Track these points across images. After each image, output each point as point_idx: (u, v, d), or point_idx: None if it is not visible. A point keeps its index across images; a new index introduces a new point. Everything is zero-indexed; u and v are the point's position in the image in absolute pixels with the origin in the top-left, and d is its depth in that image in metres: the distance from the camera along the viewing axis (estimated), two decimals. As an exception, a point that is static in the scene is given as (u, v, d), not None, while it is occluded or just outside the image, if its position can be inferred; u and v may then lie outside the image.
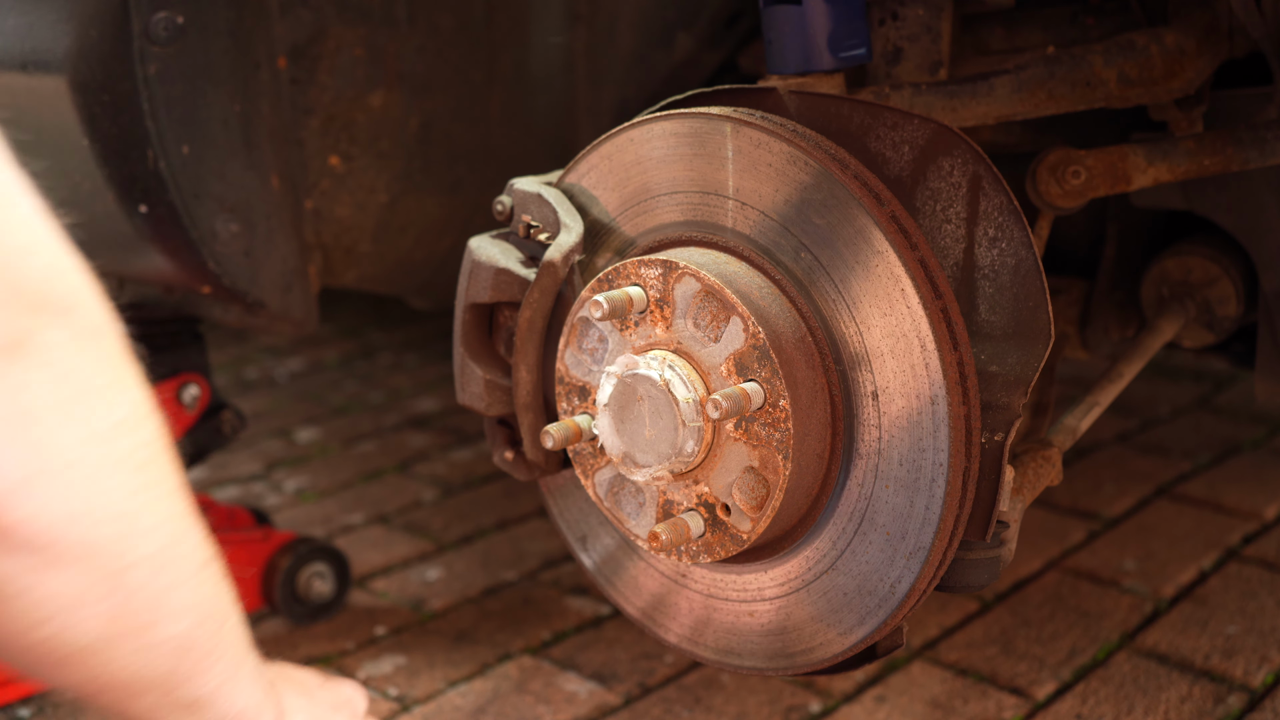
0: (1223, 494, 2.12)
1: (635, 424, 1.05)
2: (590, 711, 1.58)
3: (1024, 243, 0.99)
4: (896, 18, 1.24)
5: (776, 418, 1.00)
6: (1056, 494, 2.11)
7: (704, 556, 1.07)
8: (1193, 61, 1.19)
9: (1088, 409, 1.28)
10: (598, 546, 1.23)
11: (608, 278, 1.07)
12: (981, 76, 1.18)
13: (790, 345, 1.01)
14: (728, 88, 1.10)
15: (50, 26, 1.39)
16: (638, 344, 1.07)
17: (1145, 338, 1.44)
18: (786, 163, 1.02)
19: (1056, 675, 1.61)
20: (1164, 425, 2.45)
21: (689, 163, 1.08)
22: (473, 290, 1.18)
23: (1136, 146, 1.22)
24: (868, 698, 1.58)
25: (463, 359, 1.21)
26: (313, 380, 2.97)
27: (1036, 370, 0.99)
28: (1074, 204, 1.23)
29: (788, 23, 1.09)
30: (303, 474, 2.41)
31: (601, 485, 1.13)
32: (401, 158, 1.67)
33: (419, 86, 1.65)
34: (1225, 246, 1.48)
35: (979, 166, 0.99)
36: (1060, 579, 1.86)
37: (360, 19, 1.56)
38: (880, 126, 1.03)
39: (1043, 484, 1.16)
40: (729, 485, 1.04)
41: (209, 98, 1.48)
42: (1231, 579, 1.84)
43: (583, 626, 1.79)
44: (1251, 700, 1.55)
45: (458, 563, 2.01)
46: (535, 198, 1.16)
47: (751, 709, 1.56)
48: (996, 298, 1.00)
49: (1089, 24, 1.33)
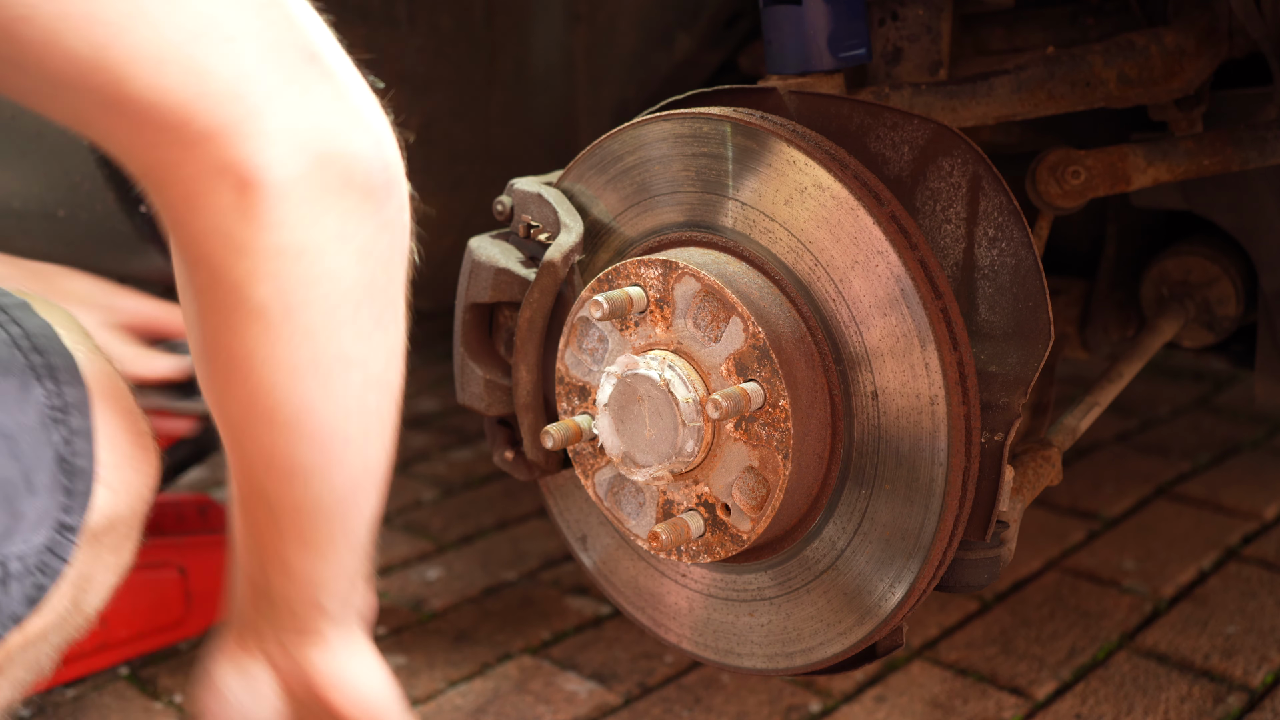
0: (1222, 494, 2.12)
1: (635, 424, 1.05)
2: (590, 711, 1.58)
3: (1024, 243, 0.99)
4: (896, 18, 1.24)
5: (776, 418, 1.00)
6: (1056, 494, 2.11)
7: (704, 556, 1.07)
8: (1192, 61, 1.19)
9: (1087, 409, 1.28)
10: (598, 546, 1.24)
11: (608, 278, 1.08)
12: (981, 76, 1.18)
13: (790, 345, 1.01)
14: (728, 88, 1.10)
15: (50, 26, 1.39)
16: (638, 344, 1.07)
17: (1145, 338, 1.44)
18: (786, 163, 1.02)
19: (1056, 675, 1.61)
20: (1164, 425, 2.45)
21: (689, 163, 1.08)
22: (473, 290, 1.18)
23: (1136, 146, 1.22)
24: (868, 698, 1.58)
25: (463, 359, 1.21)
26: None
27: (1036, 370, 0.99)
28: (1074, 204, 1.23)
29: (787, 23, 1.09)
30: (303, 474, 2.40)
31: (601, 485, 1.13)
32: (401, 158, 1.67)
33: (419, 86, 1.65)
34: (1225, 246, 1.48)
35: (979, 166, 0.99)
36: (1060, 579, 1.86)
37: (360, 19, 1.56)
38: (880, 126, 1.03)
39: (1043, 484, 1.16)
40: (729, 485, 1.04)
41: (209, 98, 1.48)
42: (1231, 579, 1.84)
43: (583, 626, 1.79)
44: (1251, 700, 1.55)
45: (458, 563, 2.01)
46: (535, 198, 1.16)
47: (751, 709, 1.56)
48: (996, 298, 1.00)
49: (1089, 24, 1.33)
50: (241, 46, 0.75)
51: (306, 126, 0.78)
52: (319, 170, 0.79)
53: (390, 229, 0.85)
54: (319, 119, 0.79)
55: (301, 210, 0.78)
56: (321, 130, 0.79)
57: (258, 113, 0.76)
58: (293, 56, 0.78)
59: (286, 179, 0.77)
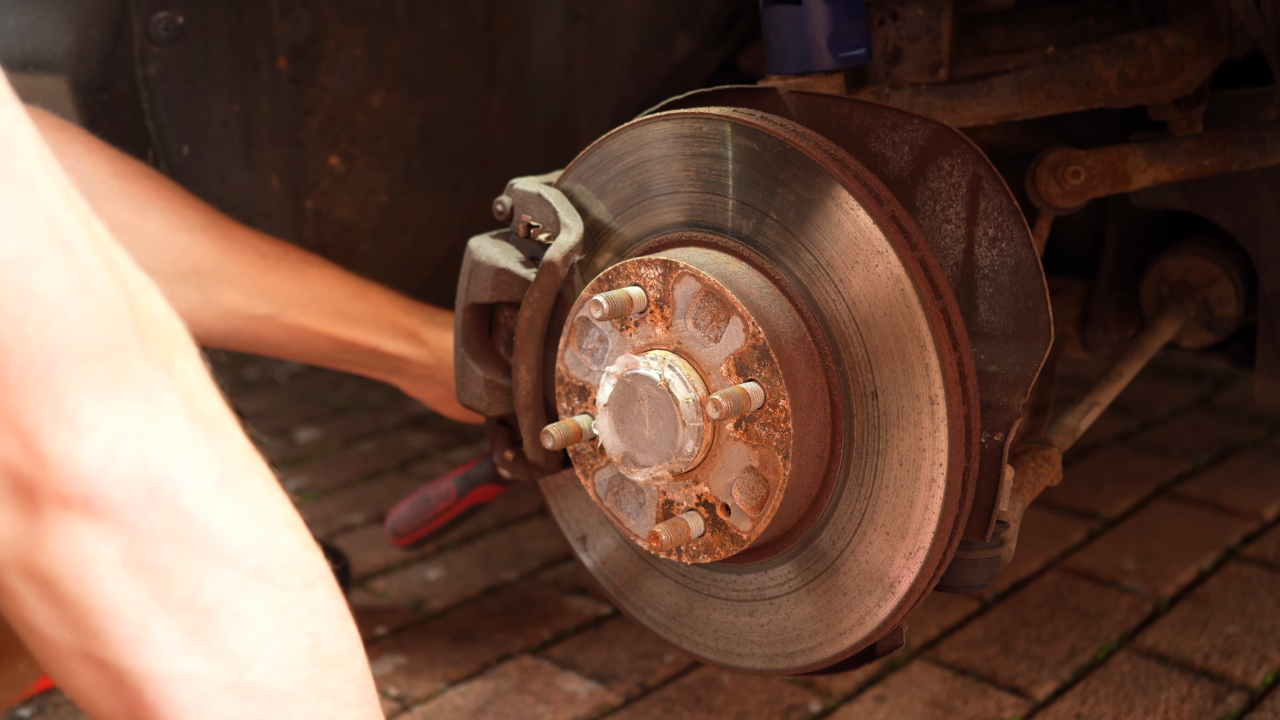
0: (1222, 494, 2.12)
1: (635, 424, 1.05)
2: (590, 711, 1.58)
3: (1024, 243, 0.99)
4: (896, 18, 1.24)
5: (776, 418, 1.00)
6: (1056, 494, 2.11)
7: (704, 556, 1.07)
8: (1192, 62, 1.19)
9: (1087, 409, 1.28)
10: (598, 546, 1.24)
11: (608, 278, 1.08)
12: (981, 77, 1.18)
13: (790, 345, 1.01)
14: (728, 88, 1.10)
15: (51, 26, 1.39)
16: (638, 344, 1.07)
17: (1145, 338, 1.44)
18: (786, 163, 1.02)
19: (1056, 675, 1.61)
20: (1164, 425, 2.45)
21: (689, 163, 1.08)
22: (473, 290, 1.18)
23: (1136, 146, 1.22)
24: (868, 698, 1.58)
25: (463, 359, 1.21)
26: (313, 380, 2.96)
27: (1036, 370, 0.99)
28: (1074, 204, 1.23)
29: (787, 23, 1.09)
30: (303, 474, 2.41)
31: (601, 485, 1.13)
32: (401, 158, 1.68)
33: (419, 86, 1.65)
34: (1225, 246, 1.48)
35: (979, 166, 0.99)
36: (1060, 579, 1.86)
37: (360, 19, 1.56)
38: (880, 126, 1.03)
39: (1042, 484, 1.16)
40: (729, 485, 1.04)
41: (209, 98, 1.48)
42: (1231, 579, 1.84)
43: (583, 626, 1.79)
44: (1251, 700, 1.55)
45: (458, 563, 2.01)
46: (535, 198, 1.16)
47: (751, 709, 1.56)
48: (996, 298, 1.00)
49: (1089, 24, 1.33)
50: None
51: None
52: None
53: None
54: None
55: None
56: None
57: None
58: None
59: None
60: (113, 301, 0.69)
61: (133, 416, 0.69)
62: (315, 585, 0.79)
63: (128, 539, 0.70)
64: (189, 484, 0.72)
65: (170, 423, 0.71)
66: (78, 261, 0.67)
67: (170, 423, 0.71)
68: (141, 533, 0.70)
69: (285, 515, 0.78)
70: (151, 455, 0.70)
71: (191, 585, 0.73)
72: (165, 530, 0.71)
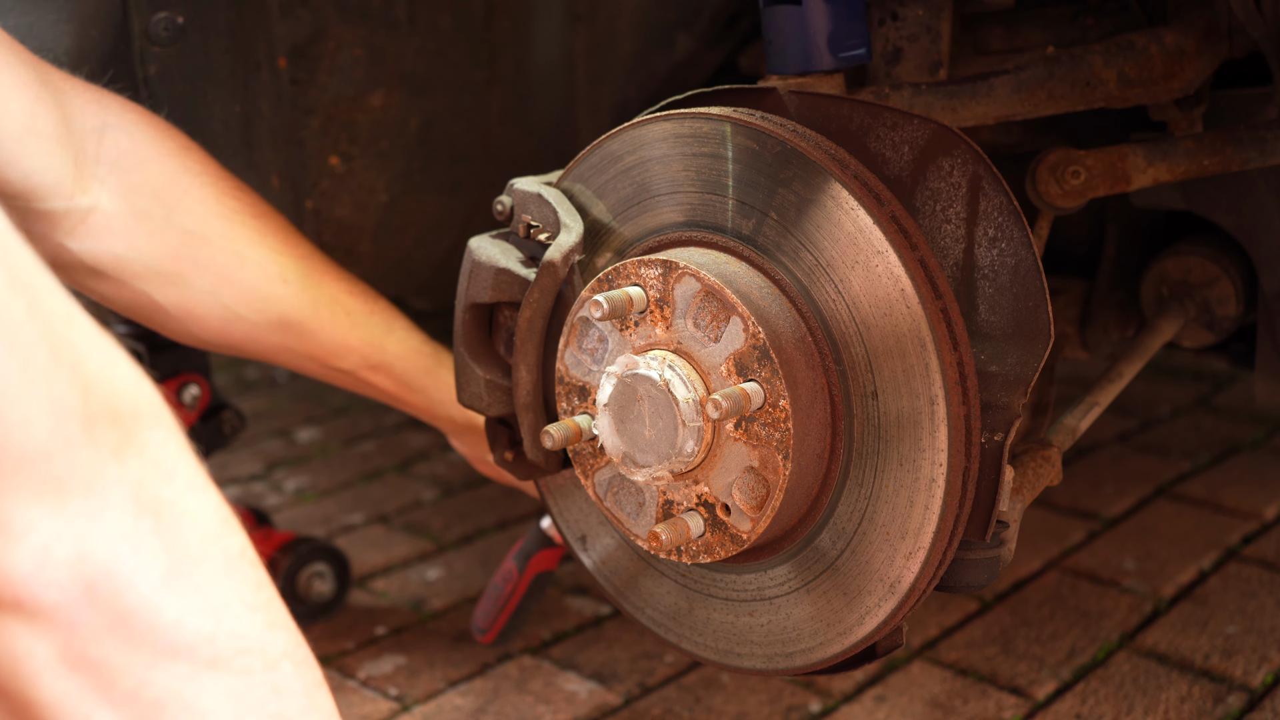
0: (1222, 494, 2.12)
1: (635, 424, 1.05)
2: (590, 711, 1.58)
3: (1024, 243, 0.99)
4: (896, 18, 1.24)
5: (776, 418, 1.00)
6: (1056, 494, 2.11)
7: (704, 556, 1.07)
8: (1192, 61, 1.19)
9: (1087, 409, 1.28)
10: (597, 546, 1.24)
11: (608, 278, 1.07)
12: (981, 76, 1.18)
13: (790, 345, 1.01)
14: (728, 88, 1.10)
15: (50, 26, 1.39)
16: (638, 344, 1.07)
17: (1145, 338, 1.44)
18: (786, 163, 1.02)
19: (1056, 675, 1.61)
20: (1164, 425, 2.45)
21: (689, 163, 1.08)
22: (473, 290, 1.18)
23: (1136, 146, 1.22)
24: (868, 698, 1.58)
25: (463, 359, 1.21)
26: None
27: (1036, 370, 0.99)
28: (1074, 204, 1.23)
29: (787, 23, 1.09)
30: (303, 474, 2.41)
31: (601, 485, 1.13)
32: (401, 158, 1.68)
33: (419, 86, 1.65)
34: (1225, 246, 1.48)
35: (979, 166, 0.99)
36: (1060, 579, 1.86)
37: (360, 19, 1.56)
38: (880, 126, 1.03)
39: (1042, 484, 1.16)
40: (729, 485, 1.04)
41: (209, 98, 1.48)
42: (1231, 579, 1.84)
43: (583, 626, 1.79)
44: (1251, 700, 1.55)
45: (458, 563, 2.01)
46: (535, 198, 1.16)
47: (751, 709, 1.56)
48: (996, 298, 1.00)
49: (1089, 24, 1.33)
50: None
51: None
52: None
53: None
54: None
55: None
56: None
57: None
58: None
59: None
60: (58, 396, 0.67)
61: (71, 515, 0.68)
62: (278, 666, 0.78)
63: (64, 637, 0.70)
64: (132, 580, 0.71)
65: (114, 518, 0.70)
66: (21, 359, 0.65)
67: (114, 518, 0.70)
68: (79, 630, 0.70)
69: (245, 597, 0.77)
70: (90, 553, 0.69)
71: (136, 679, 0.72)
72: (104, 627, 0.71)
